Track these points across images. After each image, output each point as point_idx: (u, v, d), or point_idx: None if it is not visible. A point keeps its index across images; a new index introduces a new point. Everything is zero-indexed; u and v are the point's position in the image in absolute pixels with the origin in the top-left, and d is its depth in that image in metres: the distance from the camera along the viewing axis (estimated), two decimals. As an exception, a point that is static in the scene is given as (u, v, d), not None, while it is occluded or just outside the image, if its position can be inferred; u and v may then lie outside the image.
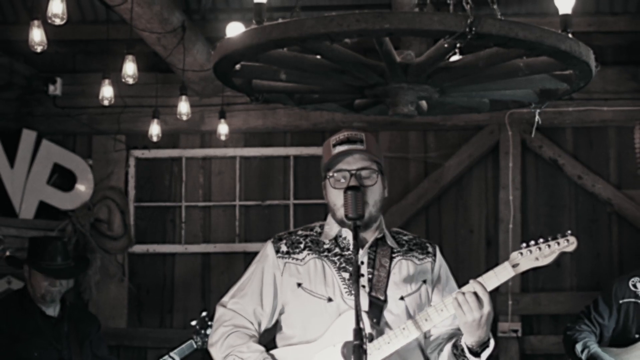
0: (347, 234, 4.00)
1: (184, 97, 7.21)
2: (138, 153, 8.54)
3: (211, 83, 7.86)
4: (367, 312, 3.85)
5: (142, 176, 8.57)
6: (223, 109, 7.81)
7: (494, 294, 7.80)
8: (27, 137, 8.14)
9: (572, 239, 3.89)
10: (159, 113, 7.55)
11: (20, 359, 6.11)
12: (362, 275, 3.95)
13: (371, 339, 3.76)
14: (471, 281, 3.81)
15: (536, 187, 8.35)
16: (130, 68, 6.38)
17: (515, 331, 7.90)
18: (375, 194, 3.99)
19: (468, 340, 3.80)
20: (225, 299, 4.13)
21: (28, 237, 7.57)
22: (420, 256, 4.13)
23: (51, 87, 8.31)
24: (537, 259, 3.87)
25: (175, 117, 7.66)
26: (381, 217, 4.09)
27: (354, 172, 3.96)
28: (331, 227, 4.06)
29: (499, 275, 3.87)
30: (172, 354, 6.48)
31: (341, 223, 3.99)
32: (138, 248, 8.46)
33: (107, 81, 6.75)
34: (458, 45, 4.05)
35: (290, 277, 4.01)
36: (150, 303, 8.44)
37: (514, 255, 3.87)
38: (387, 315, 3.95)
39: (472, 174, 8.42)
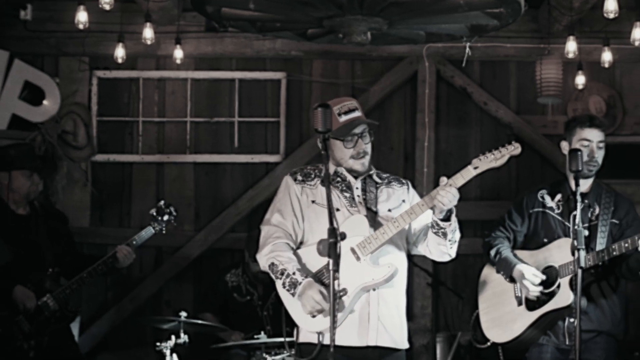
0: (342, 170, 4.59)
1: (148, 24, 7.03)
2: (100, 73, 8.32)
3: (167, 13, 7.70)
4: (366, 216, 4.47)
5: (103, 94, 8.35)
6: (179, 36, 7.59)
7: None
8: (1, 56, 7.84)
9: (517, 144, 4.37)
10: (123, 37, 7.41)
11: (-3, 253, 5.92)
12: (358, 196, 4.56)
13: (343, 237, 4.04)
14: (447, 180, 4.35)
15: (448, 111, 8.38)
16: (107, -5, 6.12)
17: (427, 234, 7.84)
18: (369, 148, 4.58)
19: (438, 216, 4.39)
20: (266, 218, 4.63)
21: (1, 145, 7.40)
22: (398, 185, 4.72)
23: (22, 12, 8.01)
24: (492, 161, 4.37)
25: (134, 41, 7.56)
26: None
27: (359, 134, 4.52)
28: (330, 167, 4.56)
29: (464, 175, 4.40)
30: (132, 239, 6.30)
31: (340, 167, 4.59)
32: (100, 157, 8.30)
33: (82, 7, 6.53)
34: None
35: (307, 198, 4.56)
36: (110, 205, 8.32)
37: (475, 160, 4.40)
38: (380, 220, 4.52)
39: (393, 98, 8.37)
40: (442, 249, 4.54)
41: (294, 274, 4.39)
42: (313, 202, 4.52)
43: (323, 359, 4.35)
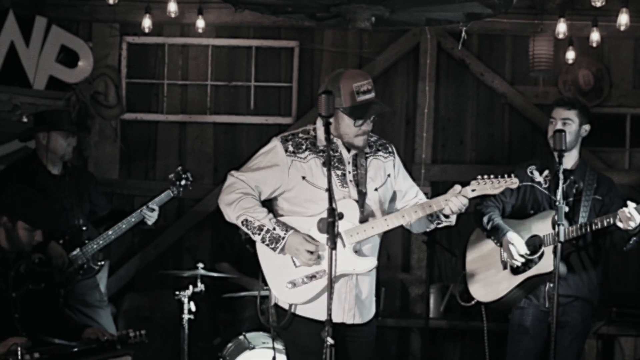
0: (337, 140, 4.33)
1: (172, -1, 6.93)
2: (129, 39, 8.27)
3: (192, -15, 7.57)
4: (356, 201, 4.26)
5: (132, 58, 8.31)
6: (201, 7, 7.61)
7: (410, 164, 7.73)
8: (40, 22, 7.84)
9: (515, 179, 4.31)
10: (150, 9, 7.49)
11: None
12: (350, 172, 4.33)
13: (341, 217, 3.93)
14: (460, 189, 4.33)
15: (447, 80, 8.29)
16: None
17: (426, 194, 7.76)
18: (371, 126, 4.36)
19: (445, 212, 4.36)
20: (234, 171, 4.38)
21: (39, 104, 7.43)
22: (385, 155, 4.50)
23: (59, -19, 7.95)
24: (489, 188, 4.31)
25: (160, 11, 7.55)
26: None
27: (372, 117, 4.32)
28: (323, 134, 4.21)
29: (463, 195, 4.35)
30: (152, 202, 6.30)
31: (337, 139, 4.31)
32: (128, 116, 8.28)
33: (114, -18, 6.49)
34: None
35: (296, 172, 4.27)
36: (137, 160, 8.32)
37: (474, 183, 4.34)
38: (368, 202, 4.31)
39: (397, 67, 8.29)
40: (426, 229, 4.53)
41: (274, 229, 4.20)
42: (303, 178, 4.26)
43: (294, 329, 4.28)
